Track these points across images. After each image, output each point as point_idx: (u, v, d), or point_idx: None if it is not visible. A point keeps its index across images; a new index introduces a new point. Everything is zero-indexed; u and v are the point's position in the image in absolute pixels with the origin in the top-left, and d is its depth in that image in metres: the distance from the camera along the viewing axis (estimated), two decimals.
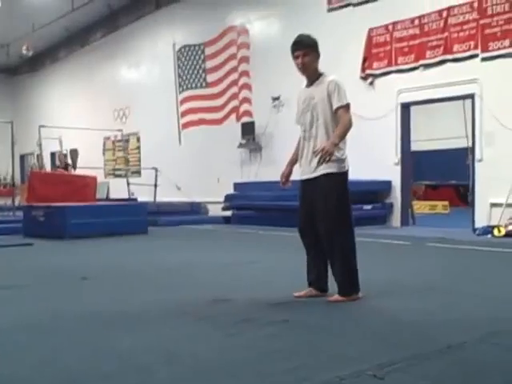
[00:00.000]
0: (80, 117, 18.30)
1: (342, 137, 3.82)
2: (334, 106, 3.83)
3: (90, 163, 14.75)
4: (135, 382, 2.32)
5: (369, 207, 10.29)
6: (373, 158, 10.44)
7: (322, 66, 4.10)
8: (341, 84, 3.91)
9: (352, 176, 10.63)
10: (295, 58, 4.02)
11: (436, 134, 14.66)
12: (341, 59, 11.07)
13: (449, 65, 9.54)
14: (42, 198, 9.96)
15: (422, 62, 9.90)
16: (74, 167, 14.78)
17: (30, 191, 10.70)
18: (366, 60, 10.73)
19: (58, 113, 20.11)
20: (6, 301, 4.12)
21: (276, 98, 12.31)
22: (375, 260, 6.12)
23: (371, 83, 10.73)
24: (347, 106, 3.86)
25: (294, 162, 4.28)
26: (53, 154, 17.71)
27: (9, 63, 21.53)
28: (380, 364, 2.45)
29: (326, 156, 3.61)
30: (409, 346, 2.77)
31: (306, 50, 3.98)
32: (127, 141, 17.09)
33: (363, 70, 10.78)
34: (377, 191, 10.46)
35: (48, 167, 16.78)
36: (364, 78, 10.79)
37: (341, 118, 3.83)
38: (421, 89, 9.86)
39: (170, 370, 2.46)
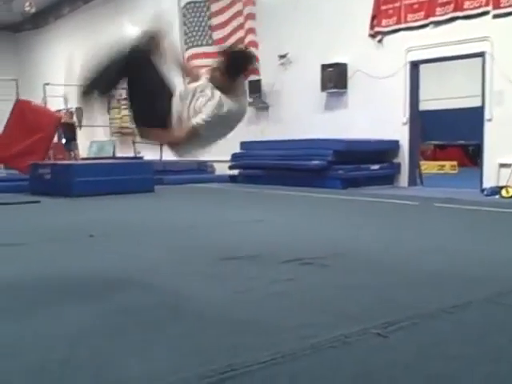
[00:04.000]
0: None
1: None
2: None
3: (95, 122, 14.67)
4: (145, 337, 2.34)
5: (376, 167, 10.25)
6: (380, 118, 10.35)
7: (329, 26, 3.90)
8: None
9: (360, 135, 10.60)
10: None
11: (445, 93, 14.48)
12: (349, 17, 10.89)
13: (459, 22, 9.34)
14: None
15: (431, 19, 9.69)
16: (80, 126, 14.74)
17: None
18: (375, 17, 10.53)
19: (62, 70, 19.93)
20: (12, 258, 4.14)
21: (283, 56, 12.15)
22: (381, 220, 6.12)
23: (380, 41, 10.56)
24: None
25: None
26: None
27: (12, 20, 21.25)
28: (384, 323, 2.45)
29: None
30: (414, 305, 2.77)
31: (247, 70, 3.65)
32: None
33: (372, 27, 10.59)
34: (384, 151, 10.39)
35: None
36: (373, 36, 10.61)
37: None
38: (430, 47, 9.69)
39: (177, 325, 2.48)
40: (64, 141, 14.30)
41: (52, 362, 2.08)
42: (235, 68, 3.41)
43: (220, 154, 12.65)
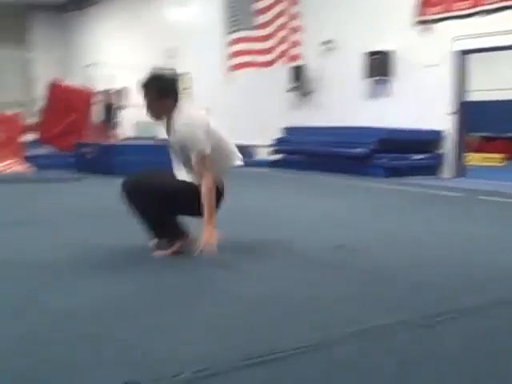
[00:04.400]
0: (130, 55, 18.27)
1: (213, 210, 3.31)
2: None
3: (140, 102, 14.75)
4: (183, 314, 2.34)
5: (419, 157, 10.07)
6: (425, 107, 10.15)
7: (374, 13, 3.73)
8: (194, 130, 3.33)
9: (402, 124, 10.40)
10: (143, 94, 3.50)
11: (493, 83, 14.11)
12: (395, 4, 10.69)
13: (508, 12, 9.07)
14: None
15: (479, 8, 9.42)
16: (123, 107, 14.84)
17: None
18: (422, 5, 10.30)
19: (107, 51, 20.11)
20: (49, 233, 4.22)
21: (327, 42, 12.01)
22: (423, 210, 6.02)
23: (426, 29, 10.33)
24: (201, 156, 3.30)
25: None
26: (104, 91, 17.83)
27: (57, 1, 21.51)
28: (429, 313, 2.40)
29: (208, 250, 3.15)
30: (460, 297, 2.70)
31: (157, 93, 3.41)
32: None
33: (418, 15, 10.35)
34: (428, 141, 10.20)
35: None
36: (419, 24, 10.39)
37: (201, 178, 3.30)
38: (478, 36, 9.42)
39: (220, 305, 2.47)
40: (103, 120, 14.34)
41: (95, 337, 2.10)
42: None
43: (262, 138, 12.73)
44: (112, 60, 17.24)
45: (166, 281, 2.92)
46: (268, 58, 13.62)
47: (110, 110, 13.79)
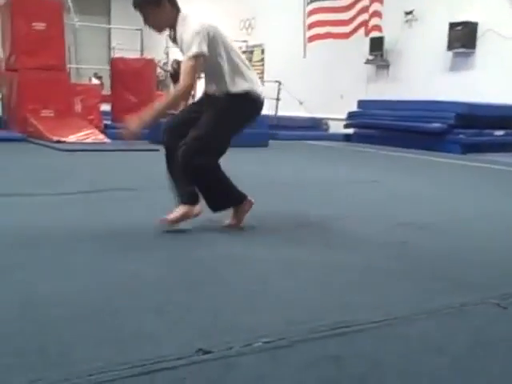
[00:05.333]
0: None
1: (163, 111, 3.22)
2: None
3: None
4: (252, 289, 2.37)
5: (500, 133, 9.71)
6: (508, 81, 9.74)
7: None
8: (193, 32, 3.08)
9: (485, 99, 10.01)
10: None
11: None
12: None
13: None
14: None
15: None
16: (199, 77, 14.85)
17: None
18: None
19: None
20: (126, 201, 4.33)
21: (409, 13, 11.65)
22: (502, 188, 5.82)
23: None
24: (187, 63, 3.09)
25: None
26: (178, 62, 18.05)
27: None
28: (505, 294, 2.34)
29: (126, 134, 3.07)
30: None
31: (146, 9, 3.22)
32: (251, 52, 17.04)
33: None
34: (510, 117, 9.80)
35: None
36: None
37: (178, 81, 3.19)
38: None
39: (287, 281, 2.49)
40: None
41: (164, 305, 2.15)
42: None
43: (336, 112, 12.59)
44: None
45: (220, 253, 2.95)
46: (347, 29, 13.36)
47: (176, 80, 13.63)
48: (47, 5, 10.12)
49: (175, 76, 13.44)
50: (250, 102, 3.32)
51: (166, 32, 3.36)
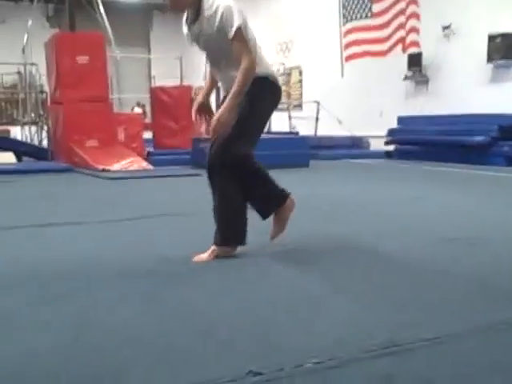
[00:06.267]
0: None
1: (242, 93, 2.93)
2: (229, 37, 2.92)
3: None
4: (308, 309, 2.37)
5: None
6: None
7: None
8: (230, 5, 2.94)
9: None
10: None
11: None
12: None
13: None
14: None
15: None
16: None
17: None
18: None
19: None
20: (173, 227, 4.39)
21: (446, 27, 11.57)
22: None
23: None
24: (241, 33, 2.91)
25: (208, 93, 3.37)
26: (217, 89, 18.31)
27: None
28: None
29: (221, 129, 2.93)
30: None
31: None
32: (289, 74, 17.16)
33: None
34: None
35: (213, 100, 17.34)
36: None
37: (240, 60, 2.91)
38: None
39: (336, 301, 2.48)
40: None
41: (213, 327, 2.17)
42: None
43: (376, 129, 12.53)
44: None
45: (267, 274, 2.95)
46: (384, 46, 13.37)
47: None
48: (90, 39, 10.44)
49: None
50: (275, 86, 3.18)
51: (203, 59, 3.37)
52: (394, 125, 11.82)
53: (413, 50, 12.51)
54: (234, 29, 2.88)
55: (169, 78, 15.66)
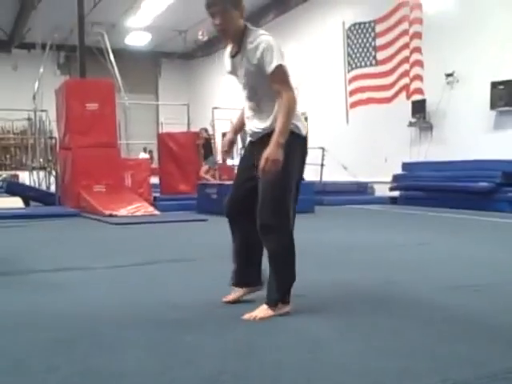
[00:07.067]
0: None
1: (287, 127, 2.87)
2: (267, 73, 2.89)
3: None
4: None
5: None
6: None
7: (500, 39, 3.52)
8: (272, 42, 2.91)
9: None
10: (211, 16, 3.00)
11: None
12: None
13: None
14: None
15: None
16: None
17: None
18: None
19: (230, 95, 20.87)
20: (181, 272, 4.43)
21: (449, 75, 11.76)
22: None
23: None
24: (281, 70, 2.89)
25: (237, 130, 3.37)
26: (224, 135, 18.57)
27: (185, 49, 22.74)
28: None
29: (272, 167, 2.83)
30: None
31: (224, 6, 2.93)
32: None
33: None
34: None
35: (218, 147, 17.44)
36: None
37: (279, 96, 2.89)
38: None
39: (343, 346, 2.50)
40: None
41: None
42: None
43: (380, 175, 12.62)
44: (234, 104, 17.88)
45: (275, 320, 2.97)
46: (389, 93, 13.58)
47: (206, 146, 13.50)
48: (100, 86, 10.67)
49: (206, 145, 13.37)
50: (304, 140, 3.08)
51: (212, 105, 3.42)
52: (399, 171, 11.91)
53: (417, 97, 12.70)
54: (273, 65, 2.88)
55: (176, 124, 15.89)
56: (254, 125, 3.09)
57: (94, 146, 10.04)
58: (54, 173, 12.11)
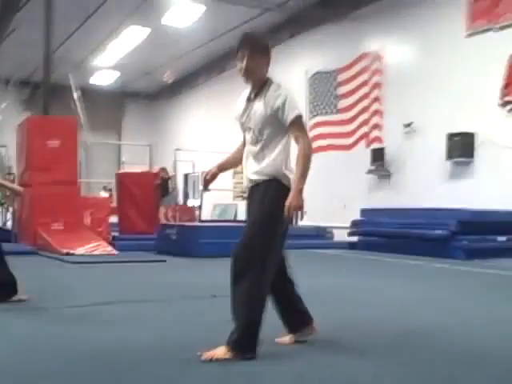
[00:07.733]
0: (215, 141, 19.01)
1: (305, 175, 3.05)
2: (286, 122, 3.09)
3: (220, 185, 15.19)
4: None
5: (503, 238, 9.83)
6: (508, 188, 9.98)
7: (457, 93, 3.73)
8: (292, 95, 3.19)
9: (486, 206, 10.18)
10: (238, 59, 3.17)
11: None
12: (477, 85, 10.74)
13: None
14: None
15: None
16: (207, 189, 14.87)
17: None
18: (506, 86, 10.31)
19: (193, 137, 21.02)
20: (140, 315, 4.39)
21: (408, 125, 12.13)
22: (501, 294, 5.84)
23: (511, 110, 10.28)
24: (301, 120, 3.14)
25: (223, 167, 3.48)
26: (186, 176, 18.61)
27: (150, 90, 22.91)
28: None
29: (298, 214, 3.01)
30: None
31: (252, 51, 3.12)
32: None
33: (502, 96, 10.36)
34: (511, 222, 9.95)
35: (181, 188, 17.45)
36: (503, 105, 10.37)
37: (297, 142, 3.10)
38: None
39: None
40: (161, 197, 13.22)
41: None
42: None
43: (340, 220, 12.78)
44: (198, 145, 18.00)
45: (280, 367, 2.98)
46: (349, 141, 13.89)
47: (163, 186, 13.38)
48: (62, 123, 10.66)
49: (163, 185, 13.20)
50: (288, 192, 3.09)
51: (174, 146, 3.49)
52: (358, 216, 12.09)
53: (376, 145, 13.02)
54: (294, 114, 3.08)
55: (138, 164, 15.88)
56: (252, 169, 3.19)
57: (54, 184, 9.96)
58: (10, 209, 11.93)
